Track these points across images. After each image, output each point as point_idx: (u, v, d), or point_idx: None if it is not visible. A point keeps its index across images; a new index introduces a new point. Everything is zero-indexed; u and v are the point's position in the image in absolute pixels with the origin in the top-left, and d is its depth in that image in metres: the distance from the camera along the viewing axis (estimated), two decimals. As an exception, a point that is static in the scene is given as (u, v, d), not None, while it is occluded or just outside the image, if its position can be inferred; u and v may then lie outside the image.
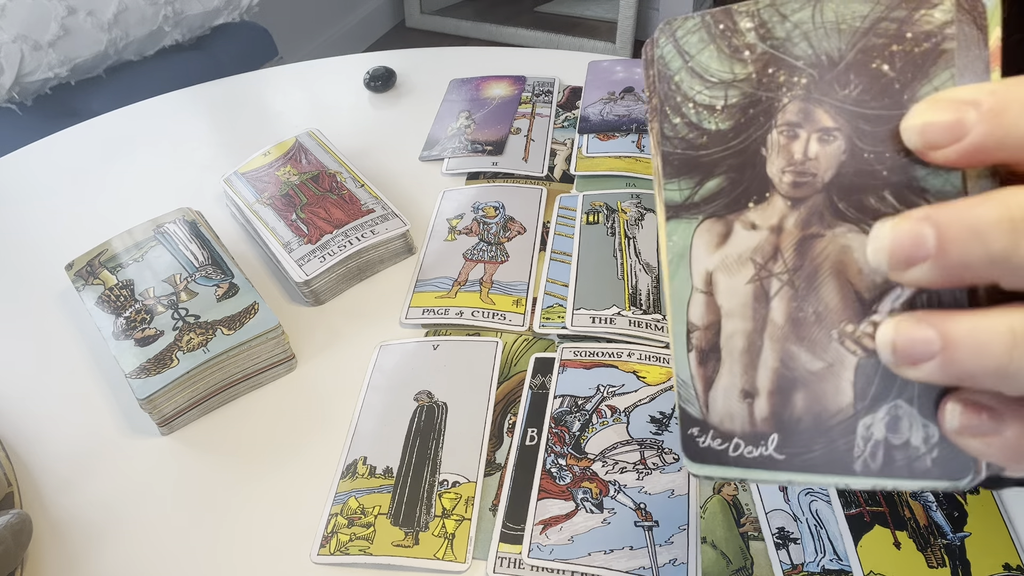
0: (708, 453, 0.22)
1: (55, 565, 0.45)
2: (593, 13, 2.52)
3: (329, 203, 0.62)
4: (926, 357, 0.17)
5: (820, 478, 0.20)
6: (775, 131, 0.20)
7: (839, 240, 0.20)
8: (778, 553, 0.42)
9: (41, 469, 0.50)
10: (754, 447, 0.21)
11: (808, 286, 0.20)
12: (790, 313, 0.20)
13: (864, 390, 0.19)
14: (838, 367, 0.20)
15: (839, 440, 0.20)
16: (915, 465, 0.19)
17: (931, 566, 0.40)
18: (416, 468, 0.47)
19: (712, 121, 0.21)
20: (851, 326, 0.20)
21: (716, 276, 0.21)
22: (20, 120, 1.26)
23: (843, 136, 0.19)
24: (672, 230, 0.22)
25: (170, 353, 0.51)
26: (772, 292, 0.20)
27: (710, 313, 0.21)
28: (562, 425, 0.49)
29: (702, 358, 0.22)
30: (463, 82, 0.84)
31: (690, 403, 0.22)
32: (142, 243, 0.60)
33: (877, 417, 0.19)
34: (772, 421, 0.21)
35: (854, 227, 0.19)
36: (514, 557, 0.43)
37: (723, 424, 0.21)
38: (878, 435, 0.19)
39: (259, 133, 0.79)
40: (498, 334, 0.55)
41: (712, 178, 0.21)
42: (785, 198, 0.20)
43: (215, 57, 1.46)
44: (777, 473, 0.21)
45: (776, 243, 0.20)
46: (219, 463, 0.49)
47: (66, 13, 1.25)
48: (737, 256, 0.21)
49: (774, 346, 0.20)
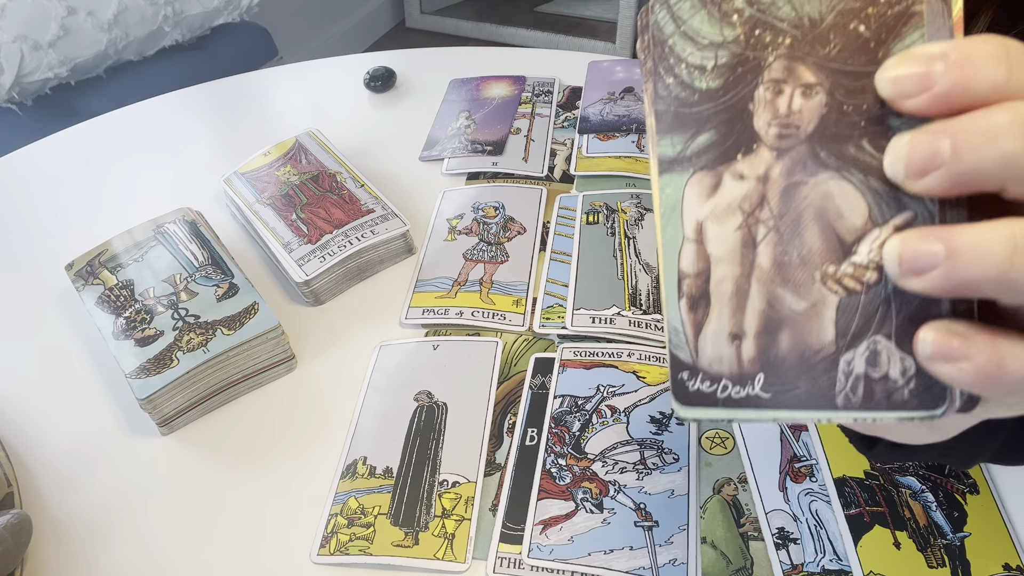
0: (697, 396, 0.23)
1: (55, 565, 0.45)
2: (593, 13, 2.52)
3: (329, 203, 0.62)
4: (930, 266, 0.18)
5: (804, 413, 0.21)
6: (761, 87, 0.21)
7: (821, 187, 0.21)
8: (778, 553, 0.42)
9: (41, 469, 0.50)
10: (741, 387, 0.22)
11: (793, 231, 0.21)
12: (776, 257, 0.21)
13: (845, 327, 0.20)
14: (821, 306, 0.21)
15: (822, 376, 0.21)
16: (893, 397, 0.20)
17: (931, 566, 0.40)
18: (416, 468, 0.47)
19: (703, 80, 0.22)
20: (833, 267, 0.21)
21: (706, 225, 0.22)
22: (20, 120, 1.26)
23: (824, 91, 0.20)
24: (665, 183, 0.23)
25: (170, 353, 0.51)
26: (759, 238, 0.22)
27: (700, 261, 0.23)
28: (562, 425, 0.49)
29: (692, 304, 0.23)
30: (463, 82, 0.84)
31: (680, 348, 0.23)
32: (142, 243, 0.60)
33: (857, 352, 0.20)
34: (759, 361, 0.22)
35: (835, 174, 0.20)
36: (514, 557, 0.43)
37: (712, 367, 0.22)
38: (858, 370, 0.20)
39: (259, 133, 0.79)
40: (498, 334, 0.55)
41: (703, 133, 0.22)
42: (771, 149, 0.21)
43: (215, 57, 1.46)
44: (763, 411, 0.22)
45: (763, 192, 0.22)
46: (219, 463, 0.49)
47: (66, 13, 1.25)
48: (726, 205, 0.22)
49: (761, 289, 0.22)
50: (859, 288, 0.20)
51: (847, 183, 0.20)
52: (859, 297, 0.20)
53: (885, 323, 0.20)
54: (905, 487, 0.44)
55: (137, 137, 0.82)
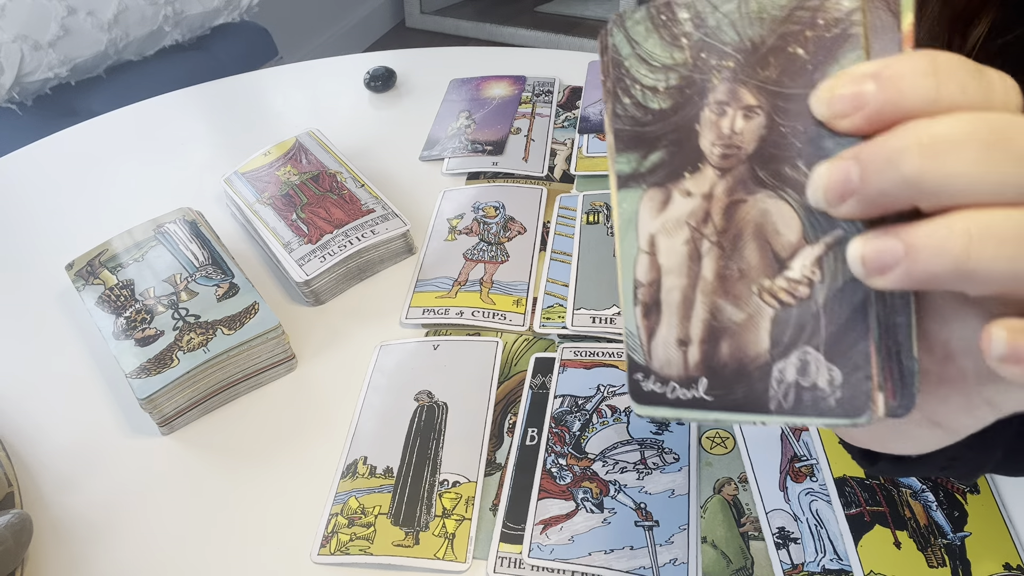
0: (650, 396, 0.24)
1: (55, 565, 0.45)
2: (593, 13, 2.52)
3: (329, 203, 0.62)
4: (892, 264, 0.18)
5: (741, 416, 0.23)
6: (707, 109, 0.22)
7: (760, 205, 0.22)
8: (778, 553, 0.42)
9: (41, 469, 0.50)
10: (687, 390, 0.24)
11: (733, 246, 0.22)
12: (718, 270, 0.23)
13: (778, 338, 0.22)
14: (757, 318, 0.22)
15: (757, 383, 0.22)
16: (821, 405, 0.21)
17: (931, 566, 0.40)
18: (416, 468, 0.47)
19: (655, 101, 0.23)
20: (768, 281, 0.22)
21: (658, 238, 0.24)
22: (20, 120, 1.25)
23: (764, 113, 0.21)
24: (622, 198, 0.24)
25: (170, 353, 0.51)
26: (704, 252, 0.23)
27: (653, 271, 0.24)
28: (562, 425, 0.49)
29: (646, 311, 0.24)
30: (463, 82, 0.84)
31: (636, 352, 0.25)
32: (142, 243, 0.60)
33: (789, 362, 0.22)
34: (702, 366, 0.23)
35: (772, 193, 0.22)
36: (514, 557, 0.43)
37: (663, 370, 0.24)
38: (789, 378, 0.22)
39: (259, 133, 0.79)
40: (498, 334, 0.55)
41: (655, 151, 0.24)
42: (715, 168, 0.23)
43: (215, 57, 1.46)
44: (707, 412, 0.23)
45: (707, 208, 0.23)
46: (219, 463, 0.49)
47: (66, 13, 1.25)
48: (675, 220, 0.23)
49: (704, 300, 0.23)
50: (792, 301, 0.21)
51: (783, 202, 0.21)
52: (792, 310, 0.21)
53: (814, 336, 0.21)
54: (905, 487, 0.44)
55: (137, 137, 0.82)
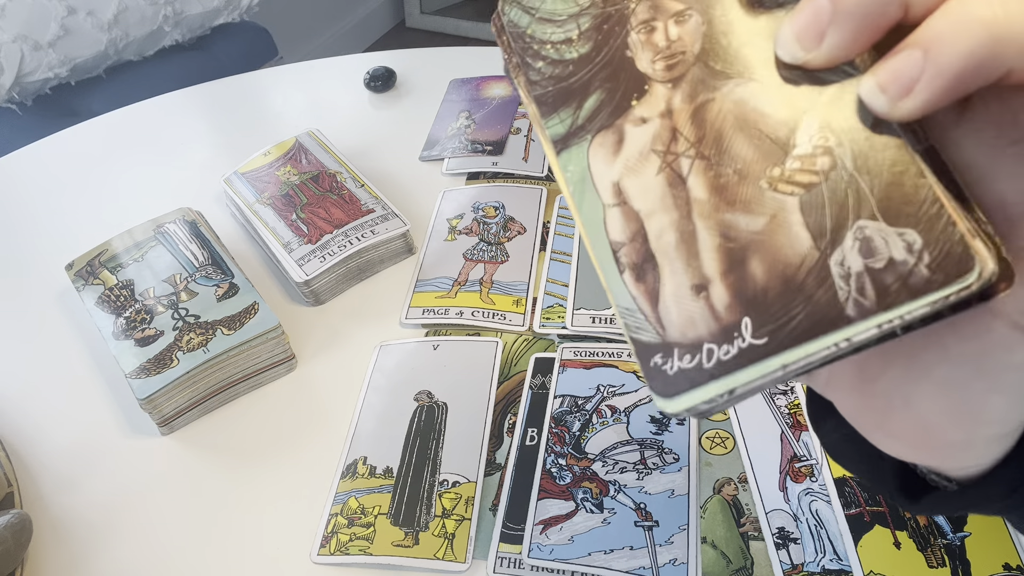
0: (681, 378, 0.19)
1: (55, 565, 0.45)
2: (593, 13, 2.52)
3: (329, 203, 0.62)
4: (916, 74, 0.15)
5: (816, 344, 0.17)
6: (633, 32, 0.21)
7: (731, 96, 0.19)
8: (778, 553, 0.42)
9: (41, 469, 0.50)
10: (729, 344, 0.18)
11: (718, 149, 0.19)
12: (711, 183, 0.19)
13: (820, 225, 0.18)
14: (782, 215, 0.18)
15: (817, 291, 0.17)
16: (911, 281, 0.16)
17: (931, 566, 0.40)
18: (416, 468, 0.47)
19: (573, 50, 0.22)
20: (778, 169, 0.18)
21: (624, 183, 0.21)
22: (20, 120, 1.26)
23: (697, 11, 0.20)
24: (566, 161, 0.22)
25: (170, 353, 0.51)
26: (685, 172, 0.20)
27: (631, 223, 0.20)
28: (562, 425, 0.49)
29: (638, 273, 0.20)
30: (463, 82, 0.84)
31: (642, 330, 0.20)
32: (142, 243, 0.60)
33: (846, 248, 0.17)
34: (737, 304, 0.18)
35: (739, 79, 0.19)
36: (514, 557, 0.43)
37: (686, 334, 0.19)
38: (856, 266, 0.17)
39: (259, 133, 0.79)
40: (498, 334, 0.55)
41: (589, 96, 0.22)
42: (664, 83, 0.20)
43: (215, 57, 1.46)
44: (767, 362, 0.18)
45: (672, 125, 0.20)
46: (219, 463, 0.49)
47: (66, 13, 1.25)
48: (638, 153, 0.20)
49: (708, 223, 0.19)
50: (816, 179, 0.18)
51: (756, 83, 0.19)
52: (820, 188, 0.18)
53: (863, 203, 0.17)
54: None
55: (137, 137, 0.82)
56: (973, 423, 0.20)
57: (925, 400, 0.21)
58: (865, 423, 0.23)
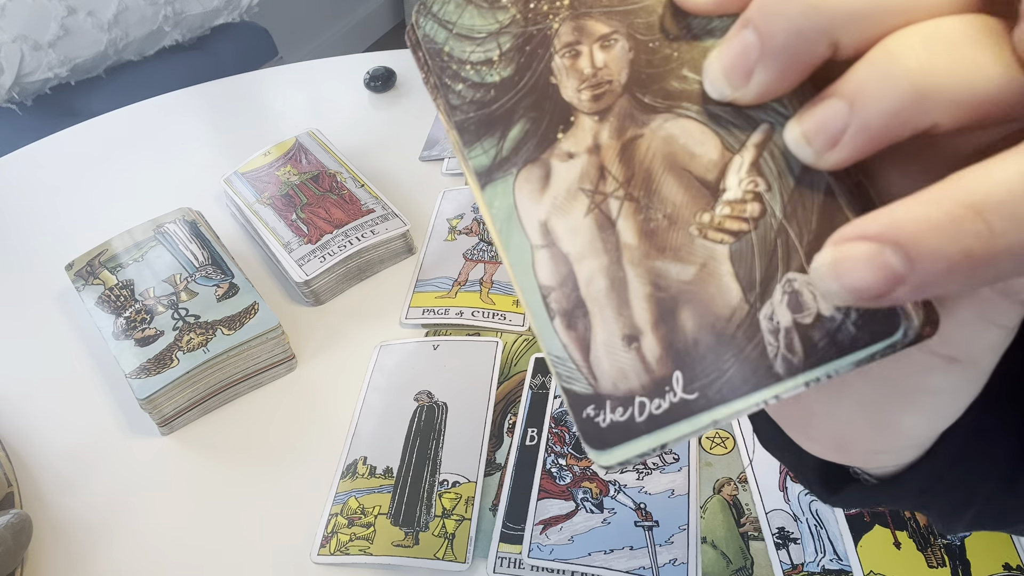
0: (613, 432, 0.18)
1: (55, 565, 0.45)
2: (593, 13, 2.52)
3: (329, 203, 0.62)
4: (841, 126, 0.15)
5: (744, 401, 0.17)
6: (557, 57, 0.19)
7: (660, 133, 0.18)
8: (778, 553, 0.42)
9: (41, 469, 0.50)
10: (660, 399, 0.18)
11: (648, 191, 0.18)
12: (640, 228, 0.18)
13: (749, 277, 0.17)
14: (712, 264, 0.17)
15: (747, 347, 0.17)
16: (839, 338, 0.16)
17: (931, 566, 0.40)
18: (416, 468, 0.47)
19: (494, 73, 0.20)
20: (707, 215, 0.18)
21: (551, 223, 0.19)
22: (20, 120, 1.26)
23: (623, 35, 0.18)
24: (491, 196, 0.20)
25: (170, 353, 0.51)
26: (614, 214, 0.18)
27: (560, 266, 0.19)
28: (562, 425, 0.49)
29: (569, 320, 0.19)
30: (463, 82, 0.83)
31: (574, 380, 0.19)
32: (142, 243, 0.60)
33: (775, 301, 0.17)
34: (668, 357, 0.18)
35: (668, 115, 0.18)
36: (514, 557, 0.43)
37: (618, 387, 0.18)
38: (785, 321, 0.17)
39: (259, 133, 0.79)
40: (498, 334, 0.55)
41: (513, 126, 0.20)
42: (590, 115, 0.19)
43: (215, 57, 1.46)
44: (698, 417, 0.17)
45: (599, 162, 0.19)
46: (219, 463, 0.49)
47: (66, 13, 1.25)
48: (565, 191, 0.19)
49: (638, 271, 0.18)
50: (745, 227, 0.17)
51: (685, 119, 0.18)
52: (749, 238, 0.17)
53: (792, 254, 0.17)
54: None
55: (137, 137, 0.82)
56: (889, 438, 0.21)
57: (844, 414, 0.21)
58: (788, 426, 0.24)
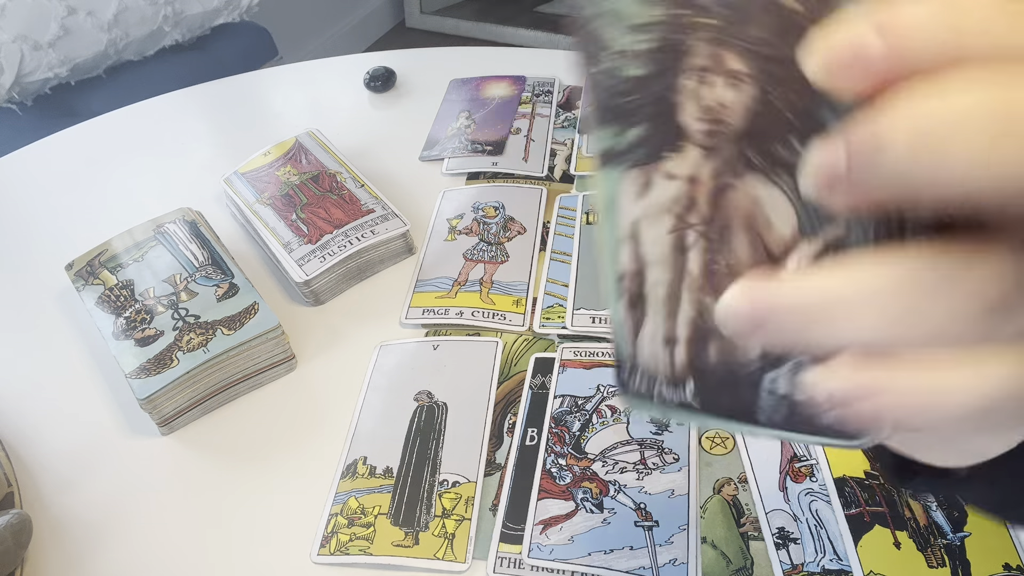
0: (636, 390, 0.23)
1: (55, 565, 0.45)
2: (593, 13, 2.52)
3: (329, 203, 0.62)
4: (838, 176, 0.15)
5: (728, 424, 0.22)
6: (684, 76, 0.19)
7: (750, 192, 0.19)
8: (778, 553, 0.42)
9: (41, 469, 0.50)
10: (673, 390, 0.22)
11: (721, 238, 0.20)
12: (705, 265, 0.20)
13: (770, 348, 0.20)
14: None
15: (746, 392, 0.21)
16: (816, 423, 0.20)
17: (931, 566, 0.40)
18: (416, 468, 0.47)
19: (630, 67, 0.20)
20: None
21: (640, 226, 0.21)
22: (20, 120, 1.26)
23: (753, 80, 0.18)
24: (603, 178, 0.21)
25: (170, 353, 0.51)
26: (689, 243, 0.20)
27: (635, 262, 0.22)
28: (562, 425, 0.49)
29: (631, 304, 0.22)
30: (463, 82, 0.84)
31: (623, 344, 0.23)
32: (142, 243, 0.60)
33: (781, 373, 0.20)
34: (690, 368, 0.22)
35: (763, 177, 0.18)
36: (514, 557, 0.43)
37: (649, 367, 0.23)
38: (781, 390, 0.20)
39: (259, 133, 0.79)
40: (498, 334, 0.55)
41: (633, 127, 0.20)
42: (698, 147, 0.19)
43: (215, 57, 1.46)
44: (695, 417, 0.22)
45: (692, 193, 0.20)
46: (219, 463, 0.49)
47: (66, 13, 1.25)
48: (658, 206, 0.20)
49: (691, 297, 0.21)
50: None
51: (776, 189, 0.18)
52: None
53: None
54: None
55: (137, 137, 0.82)
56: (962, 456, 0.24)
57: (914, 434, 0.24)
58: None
